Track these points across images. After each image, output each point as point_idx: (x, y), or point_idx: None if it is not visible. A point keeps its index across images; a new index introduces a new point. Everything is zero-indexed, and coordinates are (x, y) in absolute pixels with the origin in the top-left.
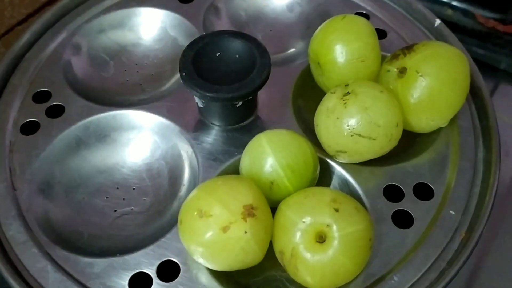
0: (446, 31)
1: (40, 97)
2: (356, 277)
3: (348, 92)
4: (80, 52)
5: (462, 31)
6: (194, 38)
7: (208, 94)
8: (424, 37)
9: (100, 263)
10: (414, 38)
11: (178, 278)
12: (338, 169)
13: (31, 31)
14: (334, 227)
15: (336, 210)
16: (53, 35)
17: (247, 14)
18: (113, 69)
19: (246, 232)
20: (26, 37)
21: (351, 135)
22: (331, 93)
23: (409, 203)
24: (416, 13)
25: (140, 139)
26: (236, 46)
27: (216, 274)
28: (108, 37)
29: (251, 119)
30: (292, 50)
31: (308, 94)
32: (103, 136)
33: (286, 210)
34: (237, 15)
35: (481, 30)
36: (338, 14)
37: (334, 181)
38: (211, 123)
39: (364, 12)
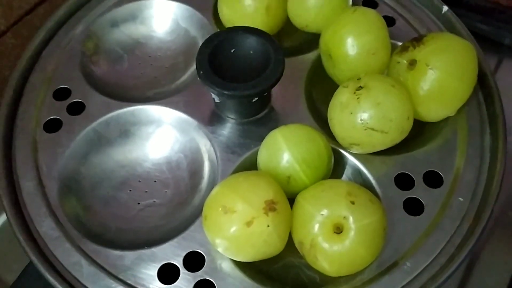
0: (454, 17)
1: (60, 94)
2: (371, 263)
3: (360, 86)
4: (95, 47)
5: (466, 7)
6: (205, 30)
7: (225, 92)
8: (432, 24)
9: (129, 256)
10: (422, 25)
11: (203, 268)
12: (351, 159)
13: (46, 28)
14: (351, 219)
15: (352, 203)
16: (68, 31)
17: None
18: (127, 63)
19: (268, 226)
20: (41, 34)
21: (365, 129)
22: (344, 87)
23: (419, 191)
24: (423, 0)
25: (159, 133)
26: (251, 42)
27: (239, 263)
28: (121, 31)
29: (265, 111)
30: (304, 40)
31: (320, 84)
32: (123, 131)
33: (305, 203)
34: None
35: (485, 6)
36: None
37: (347, 171)
38: (227, 117)
39: None
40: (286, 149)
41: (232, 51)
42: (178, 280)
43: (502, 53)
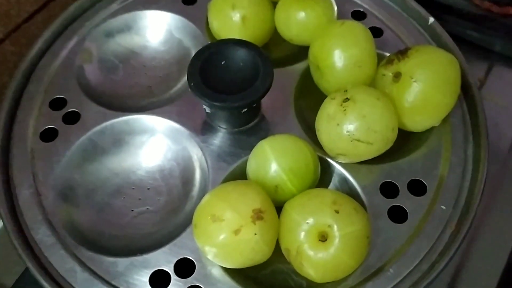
0: (439, 29)
1: (57, 104)
2: (355, 270)
3: (347, 98)
4: (91, 57)
5: (457, 14)
6: (198, 40)
7: (215, 104)
8: (419, 35)
9: (123, 262)
10: (409, 36)
11: (194, 274)
12: (338, 167)
13: (42, 39)
14: (335, 227)
15: (337, 212)
16: (64, 42)
17: None
18: (122, 72)
19: (255, 234)
20: (37, 45)
21: (351, 140)
22: (331, 98)
23: (403, 199)
24: (410, 11)
25: (152, 142)
26: (240, 54)
27: (228, 270)
28: (116, 41)
29: (255, 121)
30: (294, 51)
31: (309, 94)
32: (117, 140)
33: (291, 212)
34: None
35: (476, 13)
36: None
37: (334, 179)
38: (218, 126)
39: (361, 10)
40: (273, 160)
41: (222, 63)
42: (169, 286)
43: (493, 59)
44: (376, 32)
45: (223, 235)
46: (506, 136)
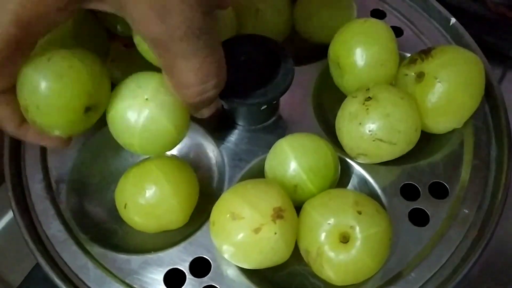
0: (461, 29)
1: None
2: (376, 273)
3: (369, 97)
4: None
5: (471, 18)
6: None
7: (235, 100)
8: (440, 35)
9: (136, 260)
10: (430, 36)
11: (209, 274)
12: (357, 168)
13: None
14: (357, 228)
15: (359, 213)
16: None
17: None
18: None
19: (275, 233)
20: None
21: (373, 140)
22: (353, 97)
23: (425, 202)
24: (431, 11)
25: None
26: (260, 50)
27: (245, 270)
28: None
29: (273, 119)
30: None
31: (327, 93)
32: None
33: (312, 212)
34: None
35: (490, 17)
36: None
37: (353, 180)
38: (235, 124)
39: (381, 8)
40: (292, 158)
41: (242, 58)
42: (184, 286)
43: (507, 64)
44: (396, 32)
45: (243, 234)
46: None
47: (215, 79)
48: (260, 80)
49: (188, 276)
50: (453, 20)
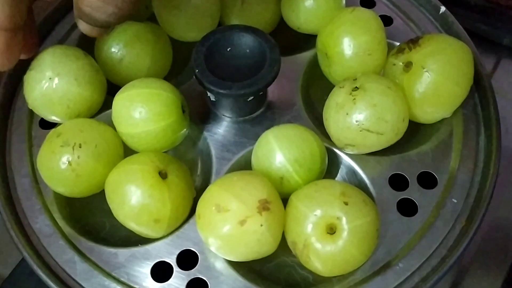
0: (451, 18)
1: None
2: (363, 264)
3: (356, 87)
4: None
5: (465, 6)
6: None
7: (221, 91)
8: (429, 24)
9: (123, 253)
10: (419, 25)
11: (196, 266)
12: (345, 159)
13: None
14: (344, 219)
15: (346, 204)
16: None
17: None
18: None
19: (261, 225)
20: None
21: (360, 130)
22: (340, 87)
23: (413, 192)
24: (421, 0)
25: None
26: (246, 41)
27: (232, 262)
28: None
29: (261, 110)
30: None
31: (316, 83)
32: None
33: (298, 203)
34: None
35: (484, 5)
36: None
37: (342, 171)
38: (223, 115)
39: None
40: (278, 150)
41: (228, 49)
42: (171, 278)
43: (501, 53)
44: (386, 21)
45: (228, 226)
46: None
47: (113, 8)
48: (246, 71)
49: (176, 268)
50: (442, 8)
